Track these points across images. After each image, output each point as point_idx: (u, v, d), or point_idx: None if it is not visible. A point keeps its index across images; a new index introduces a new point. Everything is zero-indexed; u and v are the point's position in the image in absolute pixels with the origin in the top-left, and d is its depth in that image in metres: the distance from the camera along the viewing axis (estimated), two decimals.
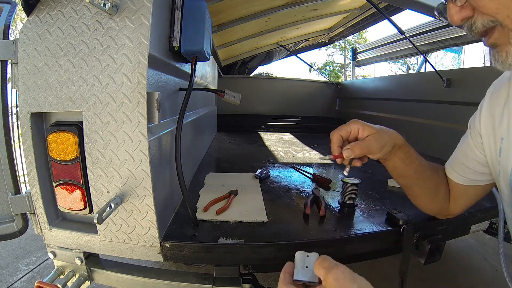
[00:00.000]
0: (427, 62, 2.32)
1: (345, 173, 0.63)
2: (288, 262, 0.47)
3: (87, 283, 0.78)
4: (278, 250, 0.73)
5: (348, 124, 0.60)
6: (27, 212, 0.73)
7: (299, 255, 0.46)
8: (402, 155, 0.64)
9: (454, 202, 0.70)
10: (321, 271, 0.40)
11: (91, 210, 0.70)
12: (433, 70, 1.78)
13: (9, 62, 0.67)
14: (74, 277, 0.77)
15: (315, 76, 22.25)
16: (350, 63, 3.87)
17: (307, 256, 0.46)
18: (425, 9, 0.93)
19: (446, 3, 0.44)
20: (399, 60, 17.41)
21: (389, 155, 0.63)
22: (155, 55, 0.65)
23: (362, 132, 0.59)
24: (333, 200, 1.03)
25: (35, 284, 0.66)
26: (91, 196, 0.68)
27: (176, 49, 0.77)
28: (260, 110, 3.18)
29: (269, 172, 1.33)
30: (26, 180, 0.70)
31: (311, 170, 1.41)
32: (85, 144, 0.64)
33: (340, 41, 10.19)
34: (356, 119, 0.60)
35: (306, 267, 0.44)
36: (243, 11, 1.86)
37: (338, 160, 0.62)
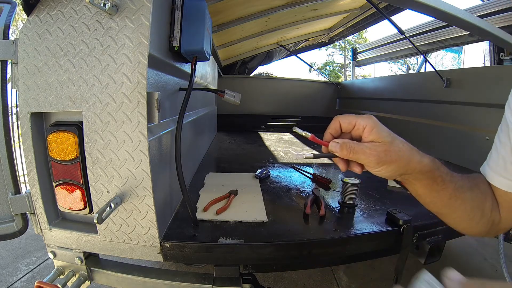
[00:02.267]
0: (427, 62, 2.32)
1: (299, 155, 0.50)
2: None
3: (87, 283, 0.78)
4: (278, 250, 0.73)
5: (357, 117, 0.47)
6: (27, 212, 0.73)
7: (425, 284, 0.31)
8: (428, 181, 0.48)
9: (508, 214, 0.53)
10: None
11: (91, 210, 0.70)
12: (433, 70, 1.78)
13: (9, 62, 0.67)
14: (74, 277, 0.77)
15: (315, 76, 22.25)
16: (350, 63, 3.87)
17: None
18: (425, 9, 0.93)
19: None
20: (399, 60, 17.42)
21: (404, 178, 0.48)
22: (155, 55, 0.65)
23: (367, 134, 0.45)
24: (333, 200, 1.03)
25: (35, 284, 0.66)
26: (91, 196, 0.68)
27: (176, 49, 0.77)
28: (260, 110, 3.18)
29: (269, 172, 1.33)
30: (26, 180, 0.70)
31: (311, 170, 1.41)
32: (85, 144, 0.64)
33: (340, 41, 10.19)
34: (373, 117, 0.46)
35: None
36: (243, 11, 1.86)
37: (323, 149, 0.50)
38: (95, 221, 0.57)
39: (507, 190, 0.50)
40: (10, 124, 0.70)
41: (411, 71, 15.39)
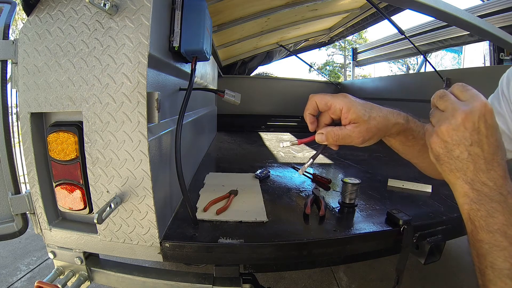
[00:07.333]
0: (427, 62, 2.32)
1: (303, 169, 0.52)
2: None
3: (87, 283, 0.78)
4: (278, 250, 0.73)
5: (332, 98, 0.49)
6: (27, 212, 0.73)
7: None
8: (402, 139, 0.55)
9: None
10: None
11: (91, 210, 0.70)
12: (433, 70, 1.78)
13: (9, 62, 0.67)
14: (74, 277, 0.77)
15: (315, 76, 22.25)
16: (350, 63, 3.87)
17: None
18: (425, 9, 0.93)
19: None
20: (399, 60, 17.42)
21: (382, 138, 0.55)
22: (155, 55, 0.65)
23: (346, 115, 0.47)
24: (333, 200, 1.03)
25: (35, 284, 0.66)
26: (91, 196, 0.67)
27: (176, 49, 0.77)
28: (260, 110, 3.18)
29: (269, 172, 1.33)
30: (26, 180, 0.70)
31: (311, 170, 1.41)
32: (85, 144, 0.64)
33: (340, 41, 10.19)
34: (348, 95, 0.49)
35: None
36: (243, 11, 1.86)
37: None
38: (95, 221, 0.57)
39: None
40: (10, 124, 0.70)
41: (411, 71, 15.39)
